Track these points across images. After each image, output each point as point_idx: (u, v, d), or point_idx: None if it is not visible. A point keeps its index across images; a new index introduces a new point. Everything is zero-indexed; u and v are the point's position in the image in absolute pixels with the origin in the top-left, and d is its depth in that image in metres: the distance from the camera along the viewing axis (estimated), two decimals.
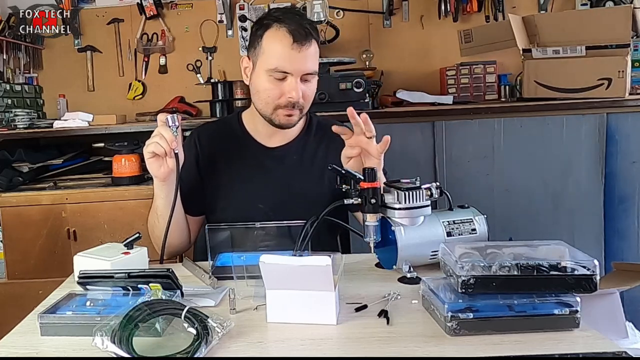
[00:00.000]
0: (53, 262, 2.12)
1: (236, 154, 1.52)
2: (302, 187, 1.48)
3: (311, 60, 1.40)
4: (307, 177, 1.50)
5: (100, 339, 0.85)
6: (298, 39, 1.36)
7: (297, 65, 1.38)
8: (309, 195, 1.45)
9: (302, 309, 0.96)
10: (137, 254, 1.21)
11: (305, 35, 1.37)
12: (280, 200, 1.45)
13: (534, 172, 2.22)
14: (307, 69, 1.40)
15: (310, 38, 1.38)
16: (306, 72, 1.40)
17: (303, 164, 1.51)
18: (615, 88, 2.15)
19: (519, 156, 2.22)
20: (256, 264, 0.95)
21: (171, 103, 2.84)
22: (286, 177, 1.50)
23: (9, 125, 2.45)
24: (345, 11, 2.79)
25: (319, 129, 1.57)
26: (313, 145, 1.54)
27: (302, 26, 1.37)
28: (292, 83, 1.39)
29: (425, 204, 1.15)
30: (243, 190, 1.47)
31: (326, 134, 1.54)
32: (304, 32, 1.37)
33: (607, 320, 1.26)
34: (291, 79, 1.39)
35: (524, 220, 2.23)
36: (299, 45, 1.36)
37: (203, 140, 1.54)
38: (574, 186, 2.22)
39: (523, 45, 2.33)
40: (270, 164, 1.51)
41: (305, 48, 1.37)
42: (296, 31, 1.36)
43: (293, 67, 1.38)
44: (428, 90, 2.64)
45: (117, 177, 2.19)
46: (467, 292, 0.92)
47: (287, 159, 1.52)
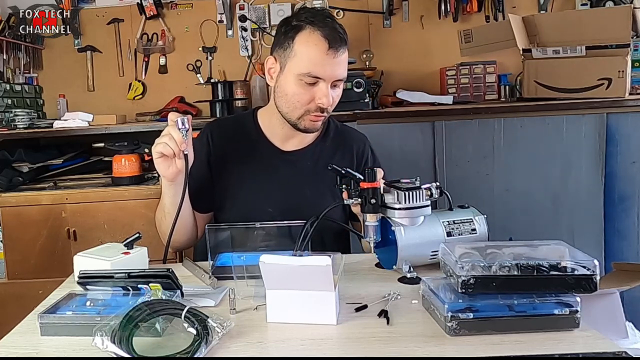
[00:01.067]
0: (53, 262, 2.12)
1: (248, 154, 1.48)
2: (314, 194, 1.45)
3: (343, 66, 1.38)
4: (320, 185, 1.46)
5: (100, 339, 0.85)
6: (333, 45, 1.33)
7: (331, 71, 1.35)
8: (321, 203, 1.39)
9: (302, 309, 0.96)
10: (137, 254, 1.21)
11: (340, 40, 1.34)
12: (291, 206, 1.42)
13: (534, 172, 2.22)
14: (339, 74, 1.37)
15: (345, 43, 1.36)
16: (338, 79, 1.38)
17: (317, 171, 1.48)
18: (615, 88, 2.15)
19: (519, 156, 2.22)
20: (256, 264, 0.95)
21: (171, 103, 2.84)
22: (299, 183, 1.47)
23: (9, 125, 2.45)
24: (345, 11, 2.79)
25: (336, 135, 1.54)
26: (329, 152, 1.51)
27: (336, 30, 1.35)
28: (324, 89, 1.35)
29: (425, 204, 1.15)
30: (252, 192, 1.45)
31: (343, 141, 1.54)
32: (339, 37, 1.34)
33: (607, 320, 1.26)
34: (323, 85, 1.35)
35: (524, 220, 2.23)
36: (334, 51, 1.33)
37: (215, 138, 1.50)
38: (574, 186, 2.22)
39: (523, 45, 2.33)
40: (283, 168, 1.48)
41: (340, 54, 1.35)
42: (331, 36, 1.33)
43: (326, 73, 1.35)
44: (428, 90, 2.64)
45: (117, 177, 2.19)
46: (467, 292, 0.92)
47: (300, 164, 1.49)
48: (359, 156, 1.53)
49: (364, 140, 1.58)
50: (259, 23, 2.84)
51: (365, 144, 1.57)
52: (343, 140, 1.54)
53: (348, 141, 1.54)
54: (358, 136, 1.59)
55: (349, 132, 1.59)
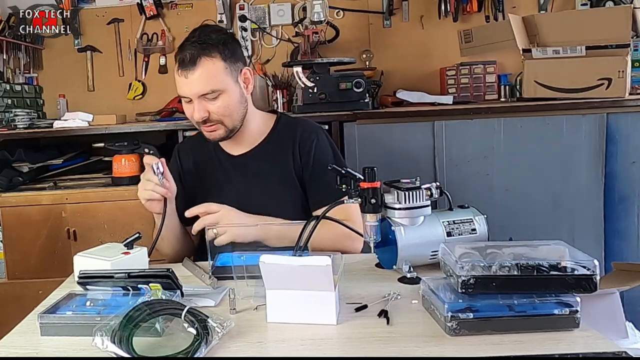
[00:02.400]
0: (53, 262, 2.12)
1: (209, 165, 1.58)
2: (260, 195, 1.49)
3: (201, 82, 1.41)
4: (265, 185, 1.51)
5: (100, 339, 0.85)
6: (183, 67, 1.41)
7: (188, 90, 1.43)
8: (271, 202, 1.47)
9: (302, 309, 0.96)
10: (137, 254, 1.21)
11: (190, 61, 1.40)
12: (246, 208, 1.45)
13: (534, 172, 2.22)
14: (197, 92, 1.42)
15: (195, 62, 1.40)
16: (200, 94, 1.42)
17: (262, 172, 1.53)
18: (615, 88, 2.14)
19: (519, 156, 2.22)
20: (256, 264, 0.95)
21: (171, 103, 2.83)
22: (248, 185, 1.52)
23: (9, 125, 2.45)
24: (345, 11, 2.79)
25: (284, 132, 1.57)
26: (274, 150, 1.55)
27: (190, 49, 1.40)
28: (192, 105, 1.44)
29: (425, 204, 1.15)
30: (216, 201, 1.46)
31: (290, 136, 1.55)
32: (189, 57, 1.40)
33: (607, 320, 1.26)
34: (193, 102, 1.43)
35: (524, 220, 2.22)
36: (185, 72, 1.41)
37: (182, 156, 1.63)
38: (574, 186, 2.21)
39: (523, 45, 2.33)
40: (233, 173, 1.55)
41: (190, 73, 1.40)
42: (181, 58, 1.41)
43: (185, 92, 1.43)
44: (428, 90, 2.64)
45: (117, 177, 2.18)
46: (467, 292, 0.92)
47: (247, 167, 1.54)
48: (302, 147, 1.53)
49: (312, 130, 1.58)
50: (259, 23, 2.84)
51: (312, 134, 1.56)
52: (290, 135, 1.56)
53: (295, 135, 1.56)
54: (307, 127, 1.59)
55: (299, 126, 1.60)
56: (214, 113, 1.44)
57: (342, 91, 2.27)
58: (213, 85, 1.42)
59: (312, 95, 2.26)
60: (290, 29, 2.84)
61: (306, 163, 1.52)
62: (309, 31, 2.60)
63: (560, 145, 2.20)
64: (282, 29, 2.85)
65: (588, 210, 2.22)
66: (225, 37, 1.47)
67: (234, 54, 1.47)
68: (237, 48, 1.50)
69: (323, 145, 1.55)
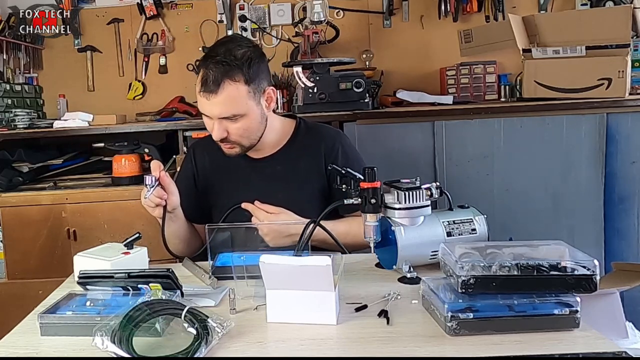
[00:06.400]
0: (53, 262, 2.12)
1: (226, 167, 1.57)
2: (285, 197, 1.49)
3: (223, 107, 1.40)
4: (286, 187, 1.53)
5: (100, 339, 0.85)
6: (205, 89, 1.38)
7: (209, 111, 1.42)
8: (293, 205, 1.46)
9: (302, 309, 0.96)
10: (137, 254, 1.21)
11: (213, 84, 1.37)
12: None
13: (534, 172, 2.22)
14: (218, 114, 1.41)
15: (219, 85, 1.37)
16: (220, 117, 1.41)
17: (284, 175, 1.54)
18: (615, 88, 2.14)
19: (519, 156, 2.22)
20: (256, 264, 0.95)
21: (171, 103, 2.84)
22: (270, 188, 1.52)
23: (9, 125, 2.45)
24: (345, 11, 2.79)
25: (306, 137, 1.59)
26: (297, 154, 1.56)
27: (213, 70, 1.37)
28: (212, 123, 1.43)
29: (425, 204, 1.15)
30: (232, 202, 1.48)
31: (312, 141, 1.57)
32: (212, 80, 1.37)
33: (607, 320, 1.26)
34: (214, 120, 1.42)
35: (524, 220, 2.22)
36: (207, 94, 1.39)
37: (197, 155, 1.63)
38: (574, 186, 2.21)
39: (523, 45, 2.33)
40: (253, 175, 1.56)
41: (213, 97, 1.38)
42: (204, 79, 1.38)
43: (205, 111, 1.43)
44: (428, 90, 2.64)
45: (117, 177, 2.19)
46: (467, 292, 0.92)
47: (268, 170, 1.55)
48: (328, 153, 1.55)
49: (335, 137, 1.60)
50: (259, 23, 2.83)
51: (336, 141, 1.58)
52: (312, 140, 1.57)
53: (317, 140, 1.57)
54: (328, 133, 1.61)
55: (319, 131, 1.61)
56: (233, 134, 1.44)
57: (342, 91, 2.27)
58: (235, 110, 1.41)
59: (312, 95, 2.26)
60: (290, 29, 2.84)
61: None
62: (309, 31, 2.60)
63: (560, 145, 2.20)
64: (282, 29, 2.85)
65: (588, 210, 2.22)
66: (251, 55, 1.42)
67: (258, 74, 1.43)
68: (262, 65, 1.46)
69: (347, 150, 1.58)
